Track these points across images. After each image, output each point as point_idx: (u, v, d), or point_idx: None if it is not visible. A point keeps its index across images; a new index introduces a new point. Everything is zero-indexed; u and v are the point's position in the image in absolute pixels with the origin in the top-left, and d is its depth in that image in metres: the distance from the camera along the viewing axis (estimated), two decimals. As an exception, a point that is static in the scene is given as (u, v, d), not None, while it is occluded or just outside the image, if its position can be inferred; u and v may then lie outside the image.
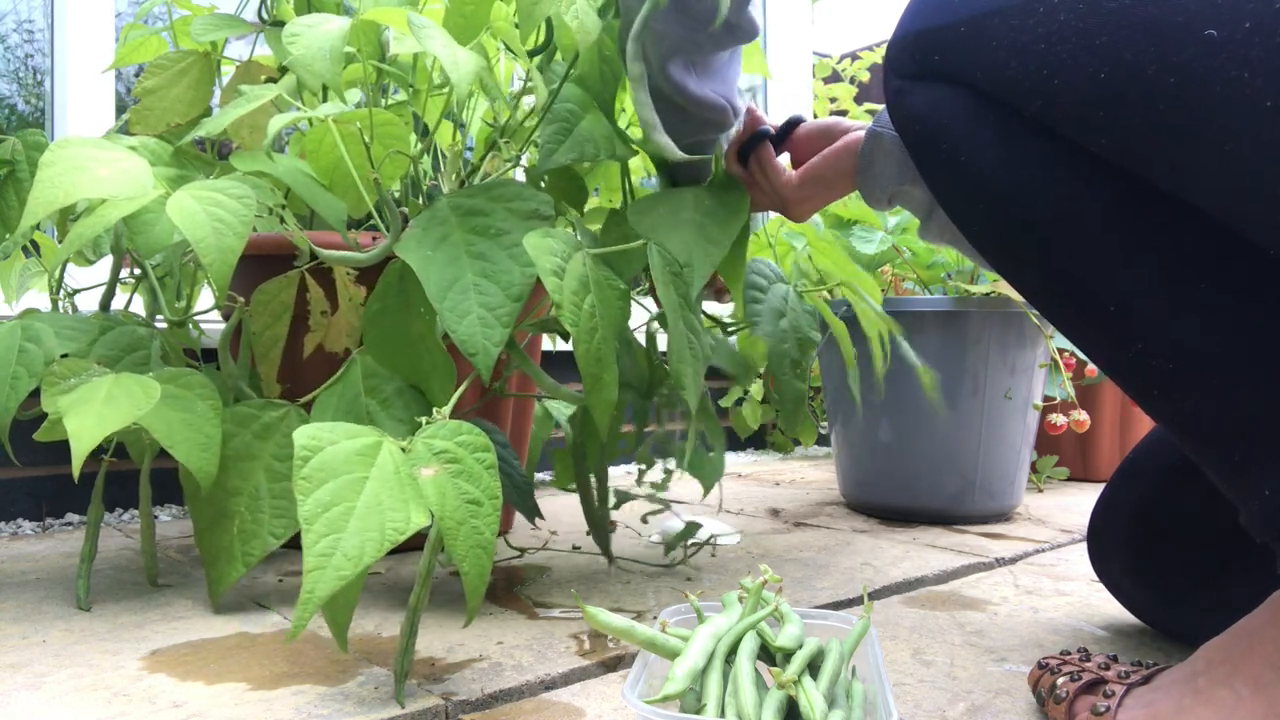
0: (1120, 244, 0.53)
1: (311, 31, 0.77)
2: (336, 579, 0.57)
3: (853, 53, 2.15)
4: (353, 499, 0.60)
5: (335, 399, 0.85)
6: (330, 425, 0.64)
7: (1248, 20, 0.43)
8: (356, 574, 0.58)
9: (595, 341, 0.78)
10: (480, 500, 0.65)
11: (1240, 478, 0.54)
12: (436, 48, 0.76)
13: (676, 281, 0.86)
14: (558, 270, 0.75)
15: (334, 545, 0.58)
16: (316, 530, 0.58)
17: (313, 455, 0.61)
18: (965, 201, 0.59)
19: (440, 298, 0.76)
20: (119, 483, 1.39)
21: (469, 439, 0.67)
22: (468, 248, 0.79)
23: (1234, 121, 0.44)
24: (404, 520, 0.60)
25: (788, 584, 0.99)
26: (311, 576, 0.57)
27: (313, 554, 0.57)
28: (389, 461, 0.63)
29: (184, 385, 0.83)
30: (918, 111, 0.58)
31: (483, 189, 0.83)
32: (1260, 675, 0.54)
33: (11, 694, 0.67)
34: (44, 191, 0.77)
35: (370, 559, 0.58)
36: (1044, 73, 0.50)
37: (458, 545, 0.62)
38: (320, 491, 0.59)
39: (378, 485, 0.61)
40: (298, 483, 0.59)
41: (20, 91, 1.56)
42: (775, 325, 1.00)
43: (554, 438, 1.77)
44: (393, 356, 0.85)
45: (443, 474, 0.64)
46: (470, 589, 0.64)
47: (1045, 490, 1.75)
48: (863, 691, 0.57)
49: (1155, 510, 0.80)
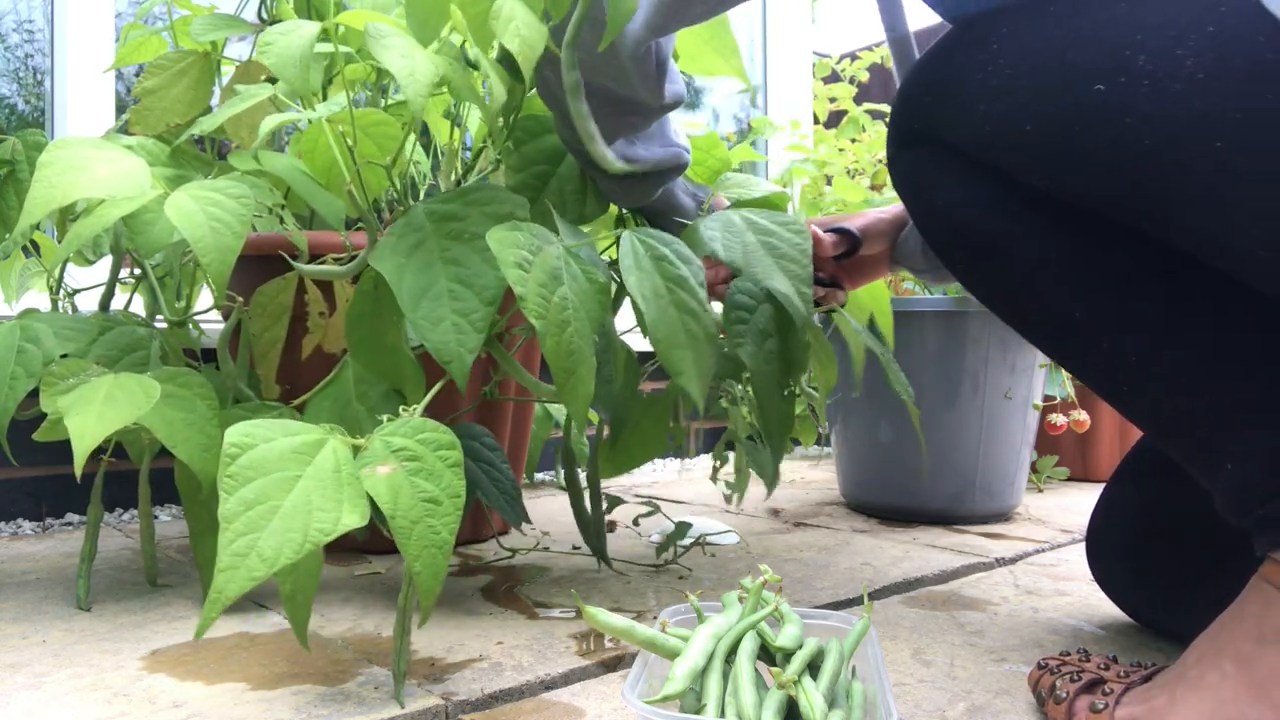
0: (1075, 265, 0.61)
1: (283, 39, 0.77)
2: (248, 580, 0.56)
3: (852, 53, 2.14)
4: (279, 498, 0.59)
5: (328, 403, 0.85)
6: (270, 422, 0.62)
7: (1126, 76, 0.53)
8: (267, 575, 0.57)
9: (567, 335, 0.76)
10: (439, 499, 0.63)
11: (1207, 461, 0.59)
12: (391, 59, 0.74)
13: (662, 266, 0.83)
14: (522, 262, 0.73)
15: (251, 545, 0.57)
16: (234, 529, 0.57)
17: (242, 452, 0.59)
18: (943, 242, 0.68)
19: (413, 306, 0.75)
20: (118, 483, 1.39)
21: (432, 436, 0.65)
22: (442, 253, 0.78)
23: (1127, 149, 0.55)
24: (333, 521, 0.59)
25: (788, 584, 0.99)
26: (222, 576, 0.56)
27: (227, 553, 0.56)
28: (329, 460, 0.62)
29: (183, 385, 0.83)
30: (904, 171, 0.69)
31: (459, 193, 0.82)
32: (1241, 650, 0.56)
33: (11, 694, 0.67)
34: (42, 191, 0.77)
35: (287, 560, 0.57)
36: (986, 129, 0.61)
37: (410, 545, 0.61)
38: (245, 489, 0.58)
39: (310, 484, 0.60)
40: (221, 480, 0.58)
41: (20, 91, 1.56)
42: (760, 346, 0.96)
43: (554, 437, 1.77)
44: (374, 362, 0.85)
45: (399, 472, 0.63)
46: (423, 589, 0.62)
47: (1045, 490, 1.75)
48: (863, 691, 0.57)
49: (1153, 511, 0.80)
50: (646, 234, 0.85)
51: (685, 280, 0.84)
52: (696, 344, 0.83)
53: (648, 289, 0.81)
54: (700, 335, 0.84)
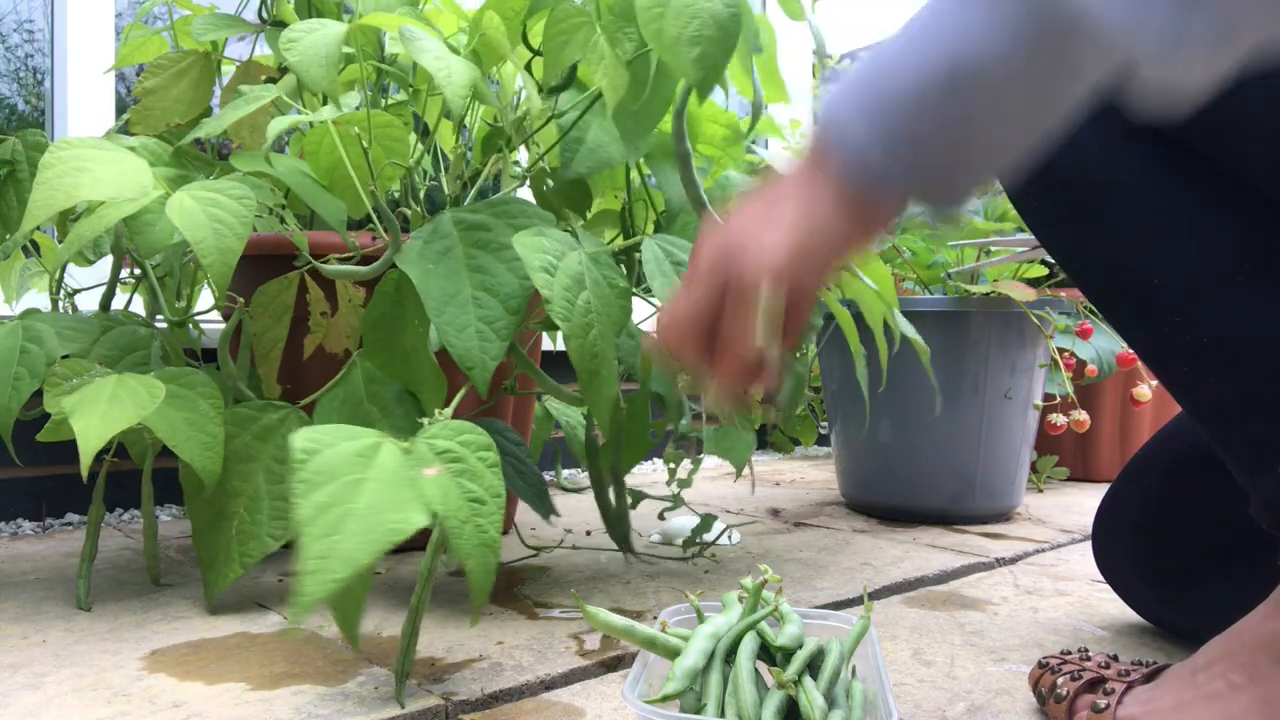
0: (1192, 230, 0.57)
1: (308, 37, 0.77)
2: (331, 582, 0.56)
3: (852, 53, 2.14)
4: (352, 501, 0.60)
5: (338, 403, 0.85)
6: (330, 427, 0.63)
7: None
8: (350, 576, 0.57)
9: (590, 338, 0.78)
10: (484, 498, 0.64)
11: (1256, 457, 0.56)
12: (428, 60, 0.76)
13: (680, 270, 0.87)
14: (548, 267, 0.76)
15: (331, 548, 0.57)
16: (313, 533, 0.58)
17: (311, 458, 0.60)
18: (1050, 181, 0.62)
19: (439, 312, 0.77)
20: (119, 483, 1.39)
21: (471, 438, 0.67)
22: (468, 261, 0.80)
23: None
24: (403, 521, 0.60)
25: (788, 584, 0.99)
26: (308, 579, 0.56)
27: (310, 556, 0.57)
28: (389, 462, 0.63)
29: (186, 385, 0.83)
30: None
31: (487, 205, 0.84)
32: (1256, 666, 0.54)
33: (11, 694, 0.67)
34: (44, 194, 0.77)
35: (366, 561, 0.57)
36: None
37: (463, 544, 0.62)
38: (318, 494, 0.59)
39: (377, 486, 0.61)
40: (295, 485, 0.59)
41: (20, 91, 1.56)
42: None
43: (554, 437, 1.77)
44: (389, 364, 0.85)
45: (445, 473, 0.64)
46: (476, 588, 0.63)
47: (1045, 490, 1.75)
48: (863, 691, 0.57)
49: (1161, 508, 0.80)
50: (665, 240, 0.88)
51: None
52: None
53: (669, 294, 0.84)
54: None
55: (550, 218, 0.83)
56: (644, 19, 0.79)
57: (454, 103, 0.74)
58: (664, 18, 0.79)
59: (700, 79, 0.80)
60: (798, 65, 2.56)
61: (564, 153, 0.97)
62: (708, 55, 0.80)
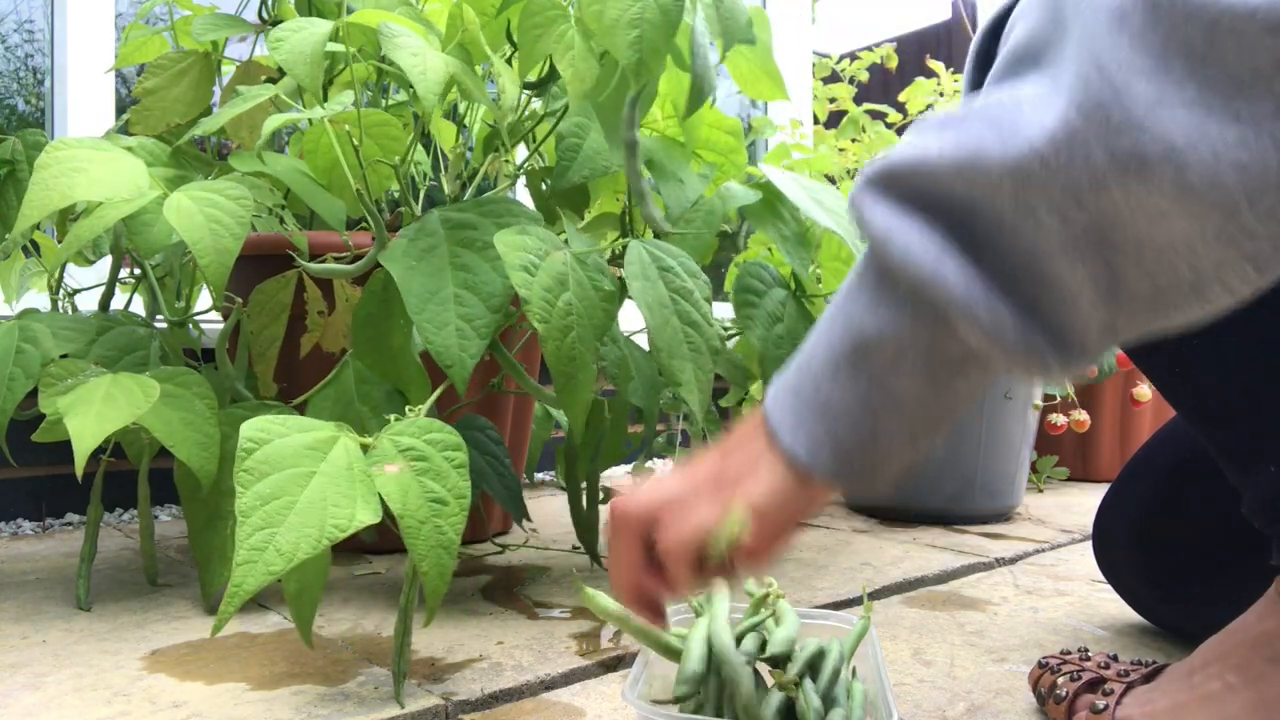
0: None
1: (295, 36, 0.77)
2: (266, 574, 0.56)
3: (852, 53, 2.14)
4: (295, 493, 0.59)
5: (329, 403, 0.85)
6: (283, 418, 0.62)
7: None
8: (285, 570, 0.57)
9: (569, 340, 0.77)
10: (446, 499, 0.63)
11: (1249, 458, 0.56)
12: (403, 57, 0.75)
13: (667, 276, 0.85)
14: (528, 266, 0.75)
15: (268, 540, 0.57)
16: (251, 523, 0.57)
17: (258, 447, 0.59)
18: None
19: (419, 309, 0.76)
20: (118, 483, 1.39)
21: (439, 437, 0.65)
22: (453, 259, 0.79)
23: None
24: (347, 518, 0.59)
25: (788, 584, 0.99)
26: (240, 570, 0.56)
27: (244, 548, 0.56)
28: (342, 457, 0.62)
29: (182, 384, 0.83)
30: None
31: (475, 204, 0.83)
32: (1251, 666, 0.55)
33: (11, 694, 0.67)
34: (39, 194, 0.77)
35: (305, 555, 0.57)
36: None
37: (418, 544, 0.61)
38: (262, 484, 0.58)
39: (325, 481, 0.60)
40: (238, 474, 0.58)
41: (20, 91, 1.56)
42: (769, 330, 0.99)
43: (555, 437, 1.77)
44: (378, 364, 0.85)
45: (407, 471, 0.63)
46: (430, 589, 0.62)
47: (1045, 490, 1.75)
48: (863, 691, 0.57)
49: (1161, 507, 0.80)
50: (654, 245, 0.87)
51: (690, 293, 0.86)
52: (699, 356, 0.85)
53: (651, 298, 0.83)
54: (703, 348, 0.86)
55: (539, 217, 0.82)
56: (586, 1, 0.78)
57: (426, 99, 0.74)
58: (606, 0, 0.78)
59: (635, 62, 0.79)
60: (798, 65, 2.56)
61: (561, 159, 0.96)
62: (645, 39, 0.78)
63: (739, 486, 0.47)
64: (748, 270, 1.01)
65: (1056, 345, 0.38)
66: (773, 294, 1.01)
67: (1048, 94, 0.35)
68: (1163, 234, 0.33)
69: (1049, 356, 0.38)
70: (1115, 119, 0.32)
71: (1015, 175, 0.35)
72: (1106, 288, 0.36)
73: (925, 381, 0.41)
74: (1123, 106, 0.32)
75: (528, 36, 0.82)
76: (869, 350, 0.42)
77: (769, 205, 1.07)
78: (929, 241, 0.38)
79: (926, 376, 0.41)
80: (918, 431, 0.43)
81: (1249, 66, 0.31)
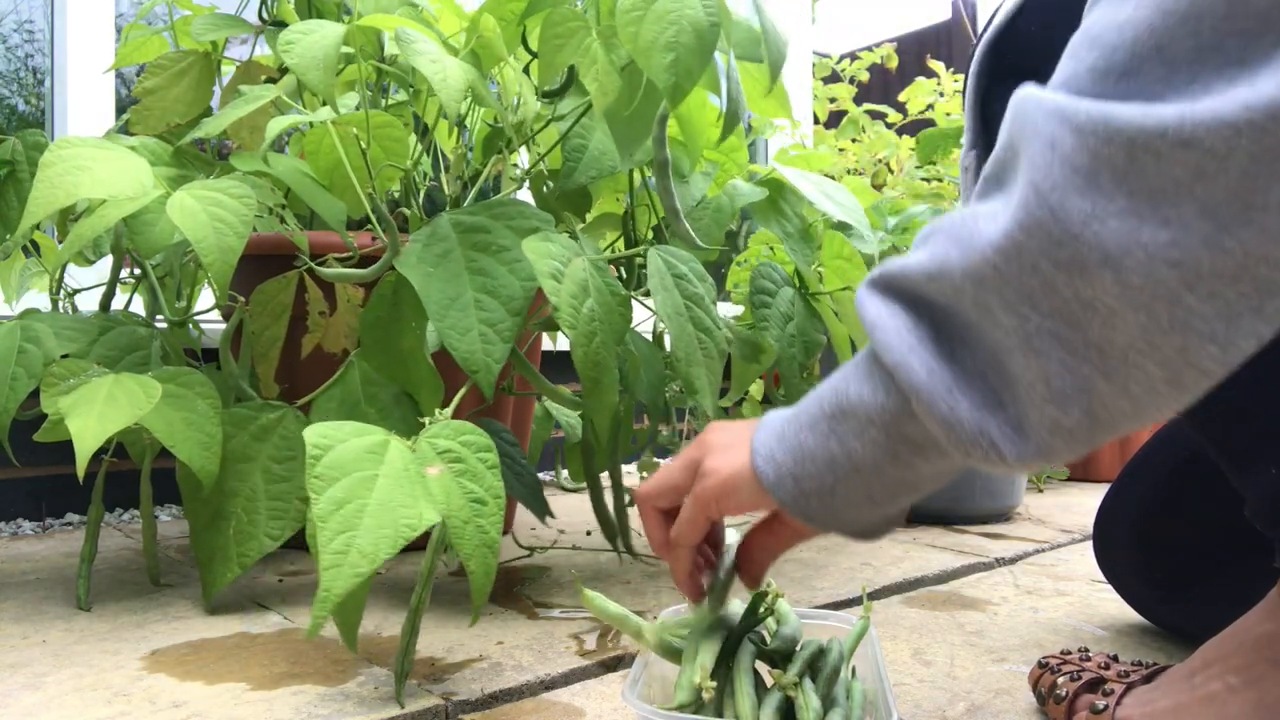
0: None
1: (306, 39, 0.77)
2: (353, 576, 0.57)
3: (852, 53, 2.14)
4: (365, 496, 0.60)
5: (335, 404, 0.85)
6: (338, 424, 0.63)
7: None
8: (371, 571, 0.58)
9: (594, 345, 0.78)
10: (484, 499, 0.65)
11: (1250, 459, 0.56)
12: (423, 63, 0.76)
13: (681, 284, 0.86)
14: (556, 274, 0.76)
15: (349, 543, 0.58)
16: (331, 528, 0.58)
17: (324, 453, 0.60)
18: None
19: (441, 315, 0.76)
20: (119, 483, 1.39)
21: (472, 439, 0.67)
22: (469, 264, 0.79)
23: None
24: (416, 517, 0.60)
25: (788, 584, 0.99)
26: (329, 574, 0.56)
27: (328, 552, 0.57)
28: (398, 459, 0.63)
29: (184, 384, 0.83)
30: None
31: (484, 207, 0.84)
32: (1252, 667, 0.55)
33: (12, 694, 0.67)
34: (44, 192, 0.77)
35: (385, 555, 0.58)
36: None
37: (464, 544, 0.62)
38: (334, 489, 0.59)
39: (389, 483, 0.61)
40: (311, 481, 0.59)
41: (20, 91, 1.56)
42: (783, 330, 1.00)
43: (554, 437, 1.77)
44: (387, 366, 0.85)
45: (447, 473, 0.64)
46: (476, 588, 0.64)
47: (1045, 490, 1.75)
48: (863, 691, 0.57)
49: (1161, 507, 0.80)
50: (666, 251, 0.88)
51: (701, 298, 0.87)
52: (710, 361, 0.88)
53: (670, 308, 0.84)
54: (713, 352, 0.88)
55: (550, 219, 0.83)
56: (623, 21, 0.79)
57: (449, 106, 0.74)
58: (643, 21, 0.79)
59: (671, 85, 0.79)
60: (798, 65, 2.56)
61: (567, 160, 0.96)
62: (681, 62, 0.79)
63: (720, 451, 0.55)
64: (760, 272, 1.03)
65: (1014, 439, 0.41)
66: (783, 293, 1.03)
67: (1000, 210, 0.39)
68: (1121, 336, 0.36)
69: (1005, 449, 0.40)
70: (1055, 233, 0.36)
71: (973, 280, 0.39)
72: (1059, 387, 0.38)
73: (886, 453, 0.46)
74: (1059, 222, 0.36)
75: (549, 46, 0.83)
76: (846, 414, 0.47)
77: (773, 203, 1.08)
78: (907, 333, 0.43)
79: (887, 450, 0.46)
80: (876, 496, 0.48)
81: (1169, 178, 0.34)
